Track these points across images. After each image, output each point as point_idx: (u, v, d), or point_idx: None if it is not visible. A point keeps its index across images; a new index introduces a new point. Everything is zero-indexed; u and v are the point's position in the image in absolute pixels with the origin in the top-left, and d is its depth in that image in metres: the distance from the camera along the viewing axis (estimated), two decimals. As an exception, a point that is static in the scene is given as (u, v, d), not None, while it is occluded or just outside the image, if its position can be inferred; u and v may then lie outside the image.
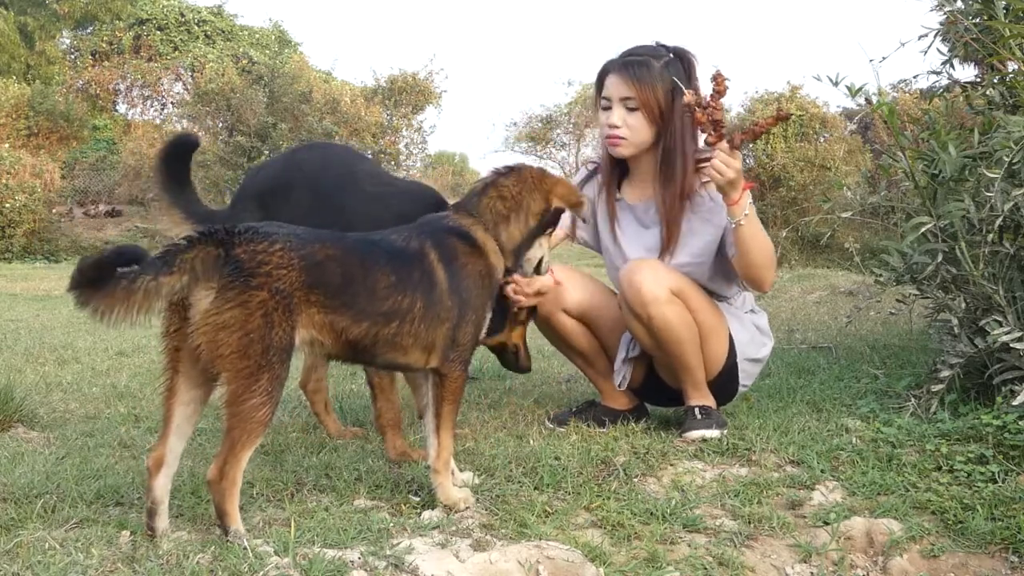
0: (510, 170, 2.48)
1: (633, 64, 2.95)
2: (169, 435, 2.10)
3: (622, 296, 2.96)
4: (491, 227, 2.41)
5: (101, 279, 1.90)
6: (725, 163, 2.64)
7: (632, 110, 2.95)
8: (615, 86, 2.97)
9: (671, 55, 2.99)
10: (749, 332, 3.11)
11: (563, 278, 3.10)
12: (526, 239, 2.47)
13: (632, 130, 2.96)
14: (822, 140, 19.55)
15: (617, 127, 2.96)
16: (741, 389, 3.16)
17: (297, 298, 2.05)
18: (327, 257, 2.12)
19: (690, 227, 2.99)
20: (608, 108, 3.00)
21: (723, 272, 3.04)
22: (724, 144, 2.63)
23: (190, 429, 2.15)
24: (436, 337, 2.27)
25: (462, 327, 2.31)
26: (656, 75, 2.92)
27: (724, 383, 3.08)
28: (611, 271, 3.21)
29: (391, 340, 2.21)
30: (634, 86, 2.92)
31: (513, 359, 2.99)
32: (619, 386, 3.15)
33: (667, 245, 3.00)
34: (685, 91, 2.65)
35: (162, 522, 2.09)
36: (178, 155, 3.10)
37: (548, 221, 2.50)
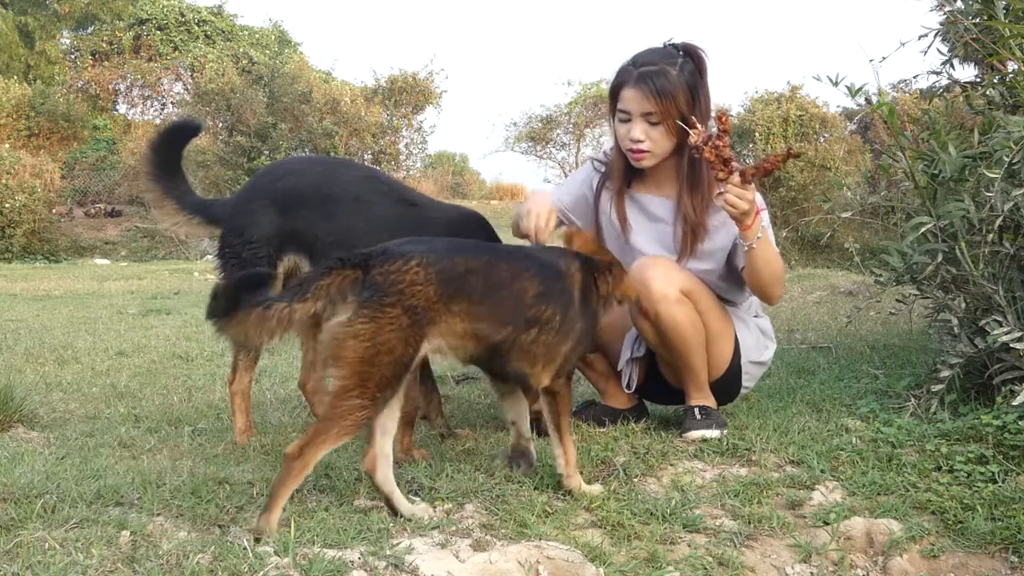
0: (611, 268, 2.57)
1: (650, 76, 2.87)
2: (374, 437, 2.22)
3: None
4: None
5: (235, 307, 2.00)
6: (738, 196, 2.64)
7: (654, 124, 2.90)
8: (635, 101, 2.90)
9: (682, 54, 2.93)
10: (754, 336, 3.12)
11: None
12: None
13: (655, 143, 2.92)
14: (822, 140, 19.56)
15: (640, 141, 2.92)
16: (743, 391, 3.17)
17: (434, 311, 2.16)
18: (468, 269, 2.22)
19: (707, 233, 2.98)
20: (627, 121, 2.94)
21: (736, 279, 3.04)
22: (736, 178, 2.62)
23: (392, 425, 2.25)
24: (559, 352, 2.37)
25: (577, 348, 2.44)
26: (675, 84, 2.86)
27: (727, 385, 3.09)
28: None
29: (526, 347, 2.31)
30: (655, 101, 2.86)
31: None
32: (626, 387, 3.14)
33: (689, 249, 2.98)
34: (691, 131, 2.61)
35: (402, 505, 2.23)
36: (173, 143, 3.05)
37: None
